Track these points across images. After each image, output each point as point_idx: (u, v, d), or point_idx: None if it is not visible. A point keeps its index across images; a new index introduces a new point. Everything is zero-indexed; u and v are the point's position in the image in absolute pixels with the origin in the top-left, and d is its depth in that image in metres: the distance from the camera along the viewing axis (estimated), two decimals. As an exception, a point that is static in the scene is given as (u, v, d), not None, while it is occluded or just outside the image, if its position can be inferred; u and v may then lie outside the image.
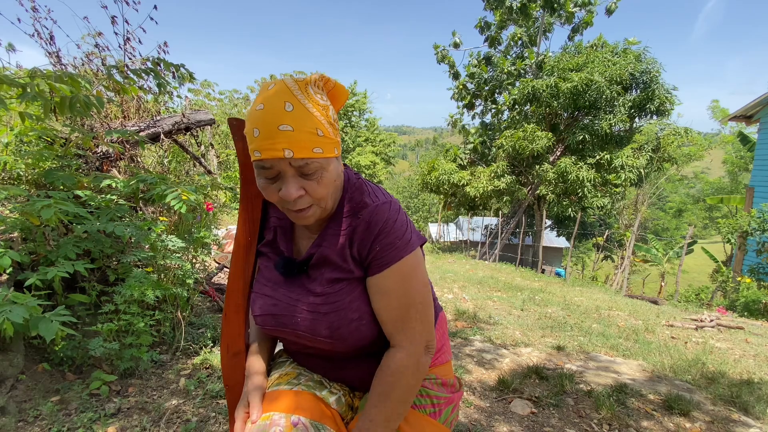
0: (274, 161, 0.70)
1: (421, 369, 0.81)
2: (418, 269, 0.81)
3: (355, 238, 0.79)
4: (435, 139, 48.09)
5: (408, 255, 0.79)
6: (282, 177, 0.72)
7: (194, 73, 2.75)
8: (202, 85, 6.93)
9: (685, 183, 35.23)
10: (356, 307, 0.80)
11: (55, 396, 1.81)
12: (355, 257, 0.80)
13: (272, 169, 0.71)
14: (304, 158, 0.70)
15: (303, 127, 0.69)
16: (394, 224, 0.79)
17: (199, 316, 2.82)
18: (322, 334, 0.81)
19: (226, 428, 1.73)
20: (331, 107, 0.76)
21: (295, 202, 0.73)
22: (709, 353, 3.30)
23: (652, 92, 11.43)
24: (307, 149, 0.69)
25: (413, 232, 0.82)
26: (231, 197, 3.46)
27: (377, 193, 0.83)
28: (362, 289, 0.82)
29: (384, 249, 0.78)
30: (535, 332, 3.65)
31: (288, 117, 0.68)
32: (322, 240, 0.82)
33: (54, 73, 1.90)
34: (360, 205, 0.80)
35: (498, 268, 9.36)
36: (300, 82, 0.72)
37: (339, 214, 0.81)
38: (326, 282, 0.81)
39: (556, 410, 2.11)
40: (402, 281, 0.79)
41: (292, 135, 0.68)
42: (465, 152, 15.12)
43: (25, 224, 1.88)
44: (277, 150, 0.68)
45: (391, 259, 0.78)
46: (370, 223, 0.78)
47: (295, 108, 0.69)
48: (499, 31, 14.63)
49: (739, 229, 7.81)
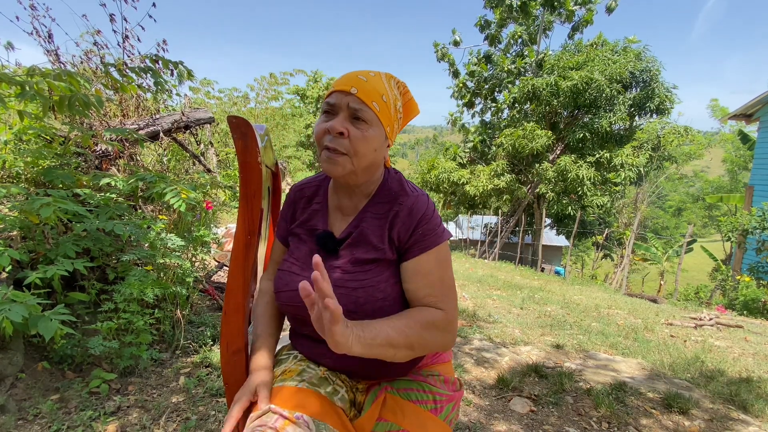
0: (340, 95, 0.81)
1: (448, 328, 0.84)
2: (450, 257, 0.91)
3: (396, 222, 0.86)
4: (435, 138, 48.08)
5: (444, 242, 0.88)
6: (335, 113, 0.82)
7: (193, 71, 2.74)
8: (202, 83, 6.92)
9: (685, 182, 35.27)
10: (383, 288, 0.84)
11: (54, 394, 1.81)
12: (393, 240, 0.86)
13: (334, 105, 0.81)
14: (362, 101, 0.80)
15: (374, 85, 0.83)
16: (433, 214, 0.89)
17: (199, 315, 2.82)
18: (347, 308, 0.82)
19: (226, 426, 1.73)
20: (400, 102, 0.89)
21: (335, 138, 0.81)
22: (708, 352, 3.31)
23: (652, 91, 11.44)
24: (369, 97, 0.81)
25: (444, 225, 0.93)
26: (230, 196, 3.46)
27: (416, 188, 0.93)
28: (391, 273, 0.87)
29: (425, 234, 0.86)
30: (534, 331, 3.65)
31: (367, 75, 0.83)
32: (361, 221, 0.89)
33: (53, 71, 1.90)
34: (400, 192, 0.89)
35: (497, 267, 9.37)
36: (388, 73, 0.88)
37: (378, 198, 0.89)
38: (358, 261, 0.86)
39: (556, 408, 2.12)
40: (439, 264, 0.87)
41: (363, 82, 0.82)
42: (465, 151, 15.12)
43: (25, 223, 1.88)
44: (346, 86, 0.81)
45: (431, 244, 0.86)
46: (413, 209, 0.87)
47: (375, 75, 0.85)
48: (499, 30, 14.60)
49: (740, 227, 7.82)
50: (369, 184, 0.89)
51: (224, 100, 8.74)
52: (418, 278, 0.85)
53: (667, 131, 11.72)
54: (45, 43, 2.76)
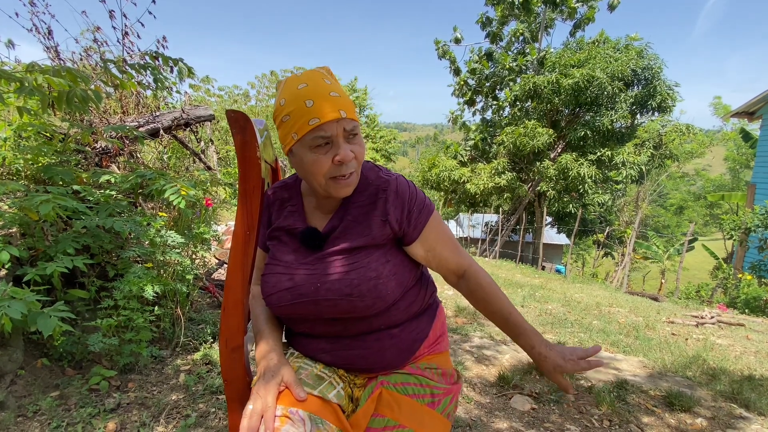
0: (333, 125, 0.78)
1: (483, 270, 0.96)
2: (439, 214, 0.96)
3: (389, 209, 0.87)
4: (435, 136, 48.00)
5: (434, 210, 0.93)
6: (333, 142, 0.79)
7: (193, 68, 2.73)
8: (202, 81, 6.90)
9: (686, 180, 35.17)
10: (374, 267, 0.86)
11: (54, 391, 1.80)
12: (392, 225, 0.88)
13: (330, 137, 0.78)
14: (353, 120, 0.80)
15: (345, 95, 0.81)
16: (416, 190, 0.92)
17: (199, 312, 2.81)
18: (343, 292, 0.83)
19: (226, 423, 1.73)
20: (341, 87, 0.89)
21: (347, 165, 0.80)
22: (710, 350, 3.30)
23: (654, 88, 11.40)
24: (353, 112, 0.81)
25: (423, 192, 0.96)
26: (230, 193, 3.45)
27: (388, 171, 0.94)
28: (381, 253, 0.88)
29: (419, 210, 0.90)
30: (535, 328, 3.65)
31: (332, 88, 0.80)
32: (345, 213, 0.89)
33: (51, 67, 1.89)
34: (379, 179, 0.90)
35: (498, 265, 9.37)
36: (324, 69, 0.86)
37: (357, 189, 0.89)
38: (345, 250, 0.87)
39: (557, 406, 2.11)
40: (439, 229, 0.93)
41: (341, 99, 0.79)
42: (465, 149, 15.08)
43: (24, 219, 1.87)
44: (335, 112, 0.77)
45: (426, 217, 0.91)
46: (398, 192, 0.88)
47: (332, 82, 0.82)
48: (500, 27, 14.55)
49: (743, 225, 7.80)
50: None
51: (224, 97, 8.74)
52: (436, 249, 0.92)
53: (669, 129, 11.68)
54: (44, 40, 2.75)
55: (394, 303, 0.89)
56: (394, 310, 0.89)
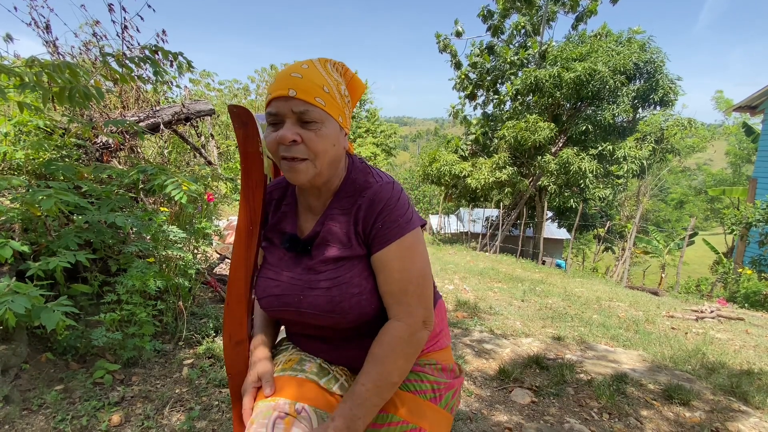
0: (280, 102, 0.75)
1: (416, 342, 0.82)
2: (418, 247, 0.84)
3: (359, 216, 0.83)
4: (436, 130, 47.75)
5: (409, 233, 0.82)
6: (282, 122, 0.77)
7: (193, 62, 2.72)
8: (202, 75, 6.87)
9: (688, 174, 35.09)
10: (357, 283, 0.82)
11: (59, 385, 1.82)
12: (359, 234, 0.83)
13: (277, 114, 0.77)
14: (305, 101, 0.75)
15: (311, 78, 0.77)
16: (397, 203, 0.83)
17: (201, 307, 2.83)
18: (324, 308, 0.82)
19: (229, 416, 1.75)
20: (344, 85, 0.84)
21: (289, 147, 0.76)
22: (710, 344, 3.32)
23: (656, 82, 11.31)
24: (310, 95, 0.75)
25: (414, 212, 0.86)
26: (231, 188, 3.45)
27: (381, 175, 0.87)
28: (363, 266, 0.84)
29: (386, 226, 0.81)
30: (535, 323, 3.66)
31: (301, 70, 0.77)
32: (326, 218, 0.85)
33: (52, 62, 1.88)
34: (364, 184, 0.84)
35: (499, 260, 9.38)
36: (322, 59, 0.82)
37: (343, 193, 0.85)
38: (329, 260, 0.84)
39: (557, 399, 2.13)
40: (402, 257, 0.82)
41: (299, 80, 0.76)
42: (466, 143, 15.02)
43: (26, 214, 1.88)
44: (283, 89, 0.75)
45: (393, 236, 0.81)
46: (374, 201, 0.82)
47: (309, 67, 0.79)
48: (502, 20, 14.41)
49: (744, 220, 7.80)
50: (334, 179, 0.86)
51: (225, 92, 8.69)
52: (380, 273, 0.82)
53: (671, 123, 11.60)
54: (43, 34, 2.73)
55: (381, 312, 0.85)
56: (384, 316, 0.85)
